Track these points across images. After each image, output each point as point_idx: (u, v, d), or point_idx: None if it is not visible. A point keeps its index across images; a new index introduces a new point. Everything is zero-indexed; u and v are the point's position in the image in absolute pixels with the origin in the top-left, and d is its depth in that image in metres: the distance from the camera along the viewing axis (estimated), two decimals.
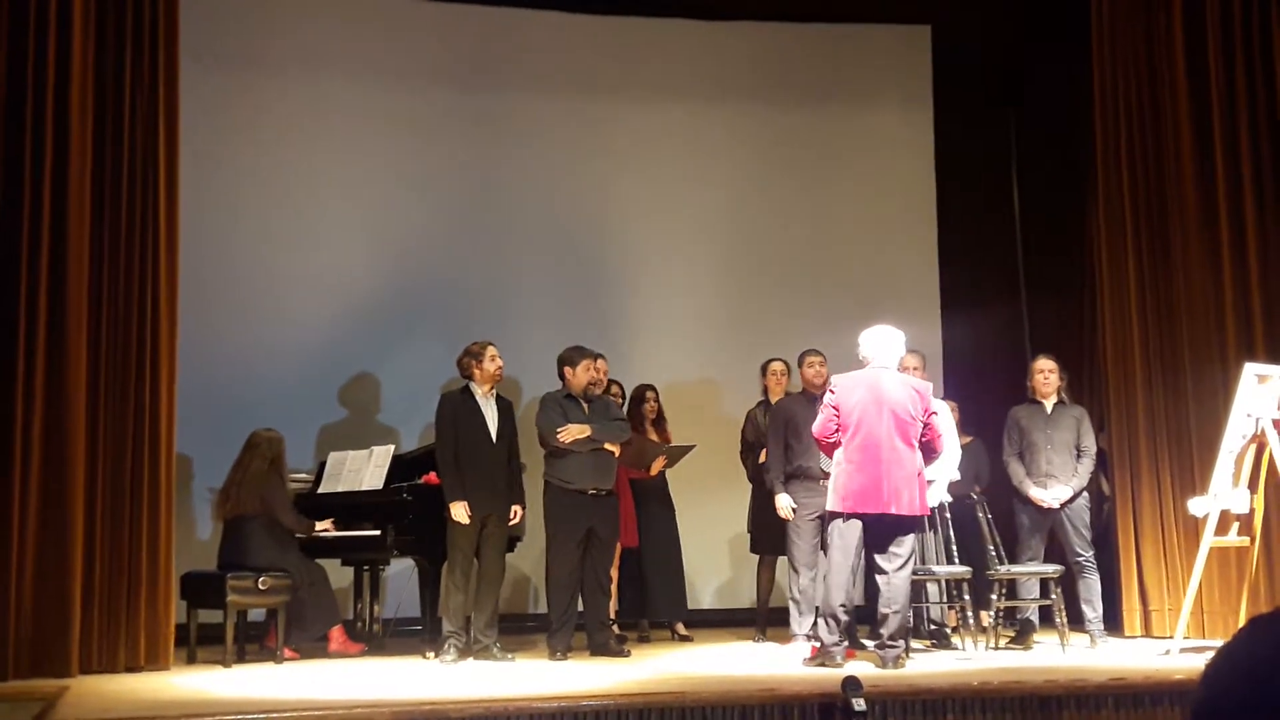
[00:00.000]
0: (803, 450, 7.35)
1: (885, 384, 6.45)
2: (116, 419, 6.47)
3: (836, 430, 6.43)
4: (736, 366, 9.30)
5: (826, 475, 7.34)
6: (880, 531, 6.37)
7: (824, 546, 6.89)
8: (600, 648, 7.08)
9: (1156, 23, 7.94)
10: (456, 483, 6.99)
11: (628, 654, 7.08)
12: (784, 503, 7.36)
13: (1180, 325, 7.75)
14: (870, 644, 6.73)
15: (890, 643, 6.29)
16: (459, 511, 6.93)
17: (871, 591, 6.79)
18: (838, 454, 6.44)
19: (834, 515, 6.44)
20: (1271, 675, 1.36)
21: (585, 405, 7.27)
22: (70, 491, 6.17)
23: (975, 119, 10.41)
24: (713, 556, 9.43)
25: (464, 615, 7.01)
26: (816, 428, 6.55)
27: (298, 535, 7.40)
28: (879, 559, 6.38)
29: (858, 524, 6.35)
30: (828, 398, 6.51)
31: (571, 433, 7.08)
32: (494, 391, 7.26)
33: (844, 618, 6.34)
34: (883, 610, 6.33)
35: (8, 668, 5.91)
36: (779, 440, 7.50)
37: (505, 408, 7.30)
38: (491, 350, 7.22)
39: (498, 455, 7.13)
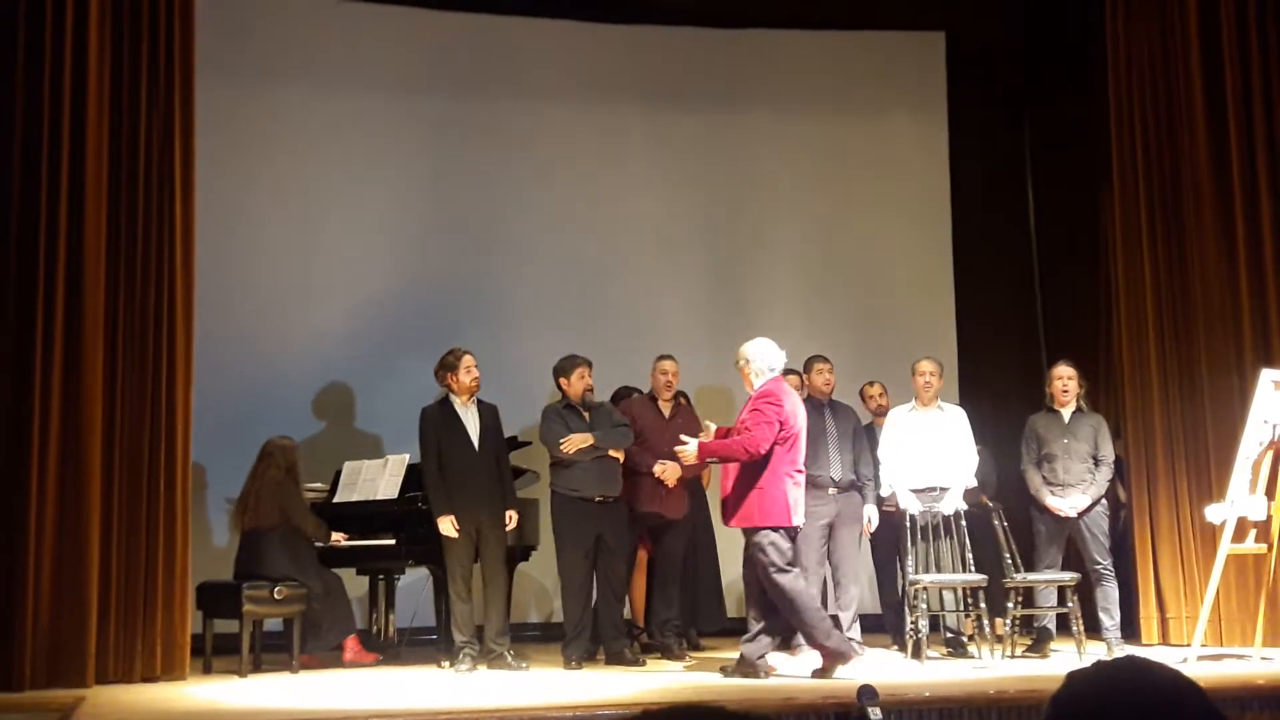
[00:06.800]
0: (811, 458, 7.33)
1: (796, 394, 6.55)
2: (133, 429, 6.49)
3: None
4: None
5: (834, 483, 7.34)
6: (793, 540, 6.39)
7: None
8: (615, 656, 7.07)
9: (1171, 26, 7.91)
10: (441, 497, 6.98)
11: (643, 663, 7.06)
12: None
13: (1197, 331, 7.71)
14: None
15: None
16: (445, 526, 6.92)
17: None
18: (780, 465, 6.25)
19: (779, 528, 6.25)
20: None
21: (586, 413, 7.26)
22: (87, 501, 6.19)
23: (990, 125, 10.39)
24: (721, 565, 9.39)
25: (473, 624, 7.00)
26: (765, 439, 6.23)
27: (316, 543, 7.41)
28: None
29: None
30: (771, 409, 6.27)
31: (574, 443, 7.07)
32: (474, 400, 7.21)
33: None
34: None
35: (25, 678, 5.92)
36: None
37: (489, 412, 7.23)
38: (468, 361, 7.15)
39: (482, 462, 7.08)
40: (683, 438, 6.55)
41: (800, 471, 6.41)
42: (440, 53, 9.72)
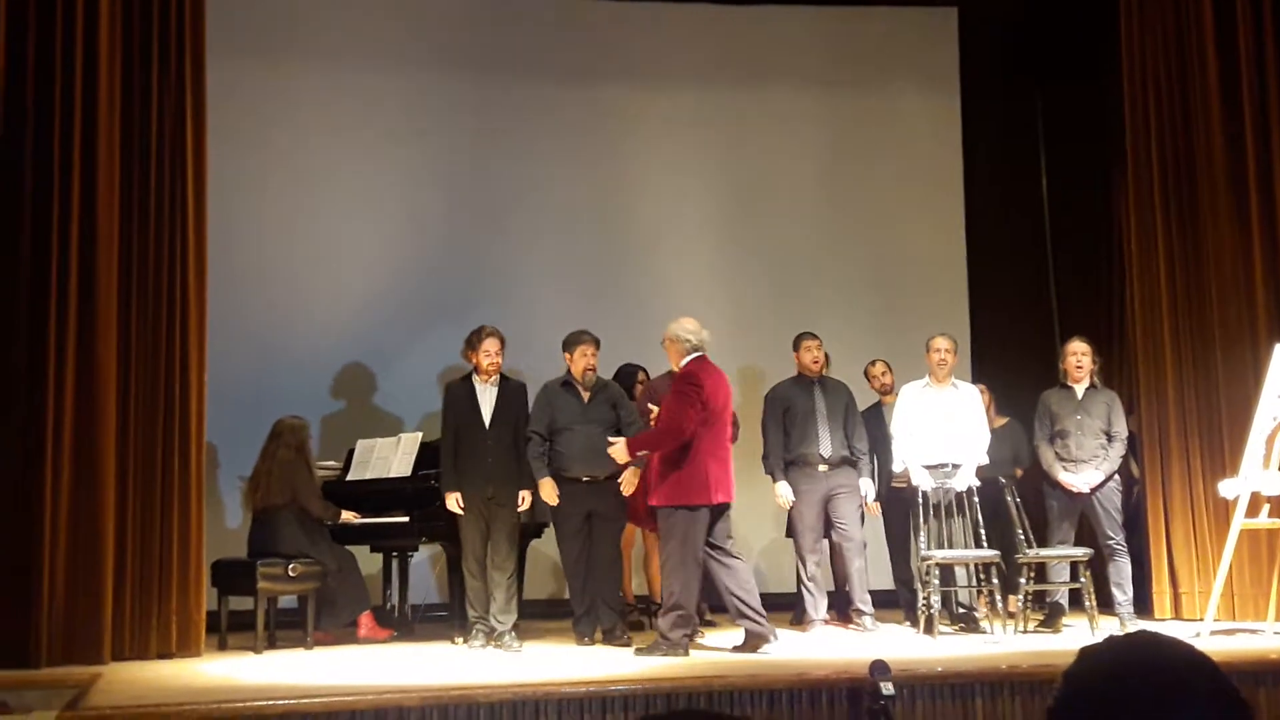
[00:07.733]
0: (801, 436, 7.35)
1: (720, 373, 6.54)
2: (147, 408, 6.52)
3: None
4: (758, 353, 9.27)
5: (824, 459, 7.35)
6: (716, 519, 6.40)
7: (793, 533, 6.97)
8: (608, 634, 6.99)
9: (1184, 1, 7.86)
10: (449, 473, 7.00)
11: (628, 641, 6.81)
12: (784, 491, 7.36)
13: (1210, 306, 7.69)
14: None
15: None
16: (450, 502, 6.95)
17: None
18: (700, 444, 6.25)
19: (686, 508, 6.24)
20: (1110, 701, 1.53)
21: (586, 393, 7.16)
22: (101, 481, 6.22)
23: (1002, 102, 10.33)
24: None
25: (486, 601, 7.00)
26: (689, 420, 6.22)
27: (325, 522, 7.44)
28: (724, 544, 6.40)
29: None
30: (692, 390, 6.29)
31: (630, 484, 6.93)
32: (495, 378, 7.16)
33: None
34: (742, 593, 6.36)
35: (41, 655, 5.96)
36: (777, 427, 7.48)
37: (510, 391, 7.19)
38: (488, 345, 7.08)
39: (493, 440, 7.04)
40: (610, 439, 6.68)
41: (725, 449, 6.44)
42: (456, 31, 9.67)
